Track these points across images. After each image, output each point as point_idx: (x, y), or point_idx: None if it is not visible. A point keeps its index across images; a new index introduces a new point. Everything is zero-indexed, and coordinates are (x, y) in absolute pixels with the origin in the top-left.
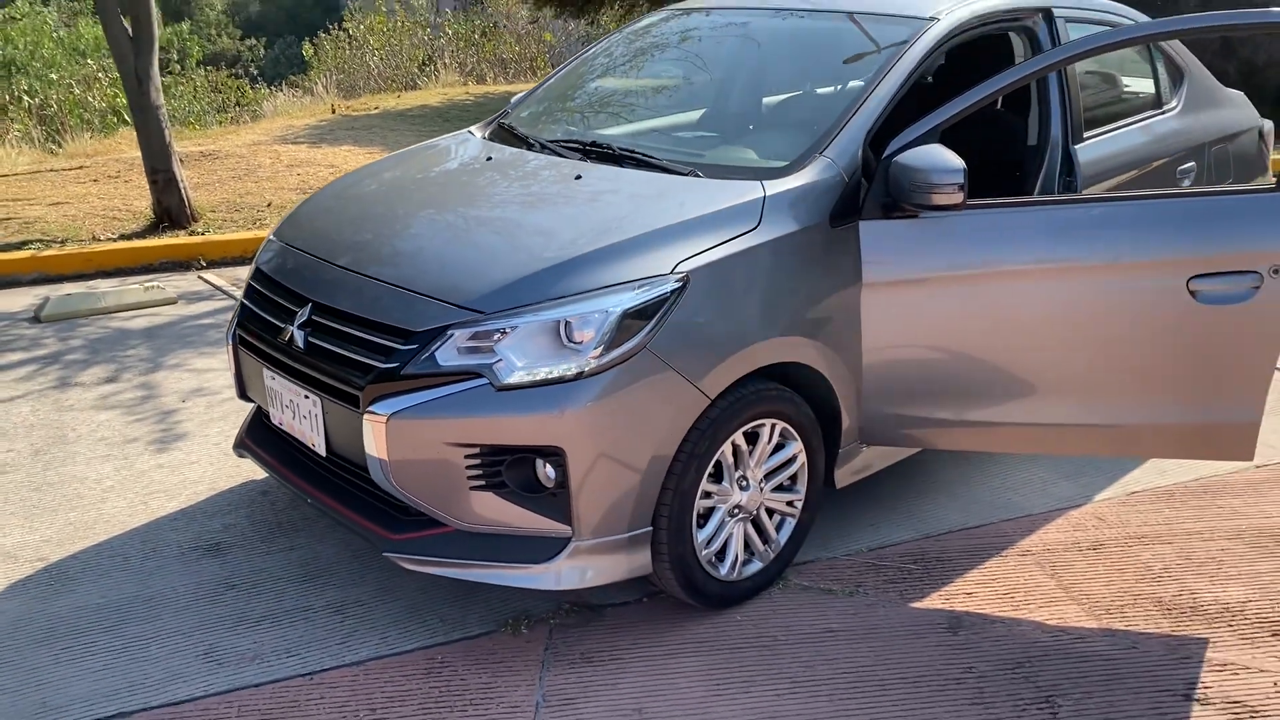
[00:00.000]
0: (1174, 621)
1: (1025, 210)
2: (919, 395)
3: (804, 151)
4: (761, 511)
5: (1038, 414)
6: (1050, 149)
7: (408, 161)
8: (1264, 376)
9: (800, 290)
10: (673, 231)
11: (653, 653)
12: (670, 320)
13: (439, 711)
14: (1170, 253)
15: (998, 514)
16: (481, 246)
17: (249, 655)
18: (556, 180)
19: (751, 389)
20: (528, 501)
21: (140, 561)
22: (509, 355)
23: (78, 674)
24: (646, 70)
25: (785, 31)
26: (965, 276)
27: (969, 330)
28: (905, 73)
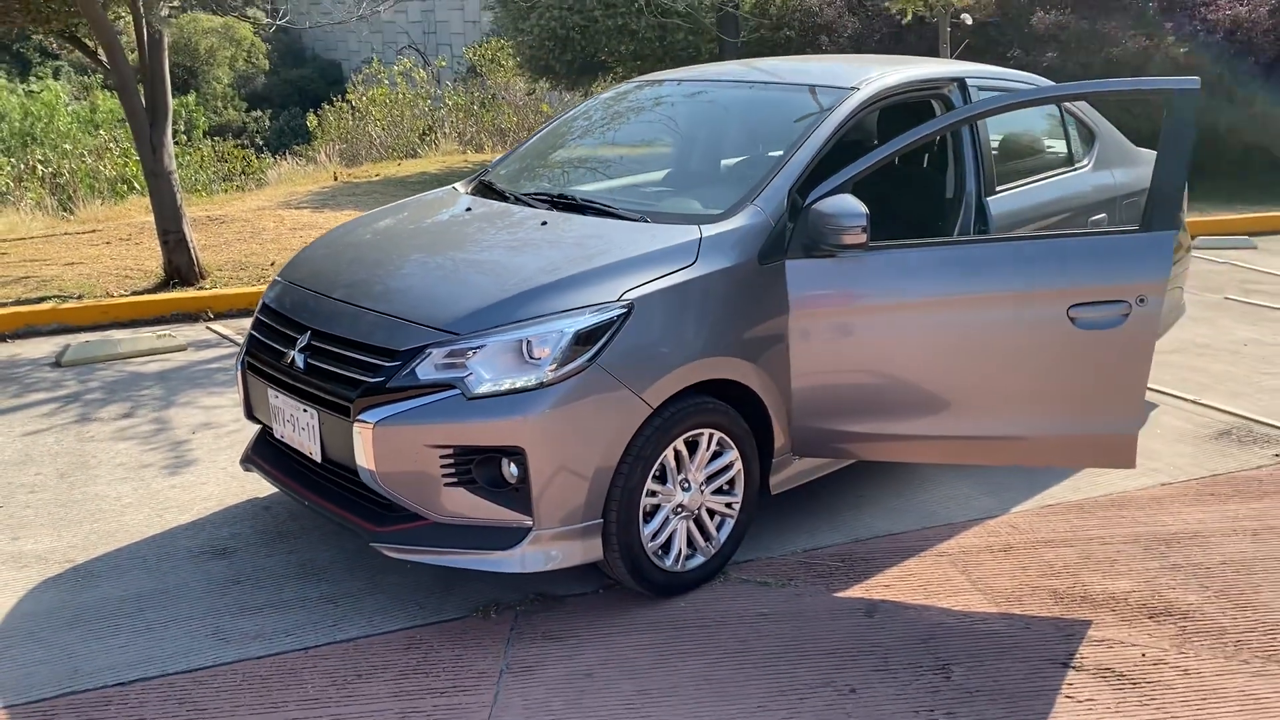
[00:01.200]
0: (1065, 608)
1: (925, 250)
2: (842, 412)
3: (737, 201)
4: (703, 511)
5: (946, 428)
6: (965, 201)
7: (398, 212)
8: (1138, 392)
9: (732, 317)
10: (621, 266)
11: (606, 631)
12: (617, 340)
13: (415, 677)
14: (1052, 285)
15: (922, 522)
16: (458, 280)
17: (252, 635)
18: (525, 226)
19: (691, 402)
20: (494, 496)
21: (156, 562)
22: (478, 369)
23: (104, 649)
24: (614, 132)
25: (734, 99)
26: (877, 308)
27: (883, 355)
28: (827, 134)
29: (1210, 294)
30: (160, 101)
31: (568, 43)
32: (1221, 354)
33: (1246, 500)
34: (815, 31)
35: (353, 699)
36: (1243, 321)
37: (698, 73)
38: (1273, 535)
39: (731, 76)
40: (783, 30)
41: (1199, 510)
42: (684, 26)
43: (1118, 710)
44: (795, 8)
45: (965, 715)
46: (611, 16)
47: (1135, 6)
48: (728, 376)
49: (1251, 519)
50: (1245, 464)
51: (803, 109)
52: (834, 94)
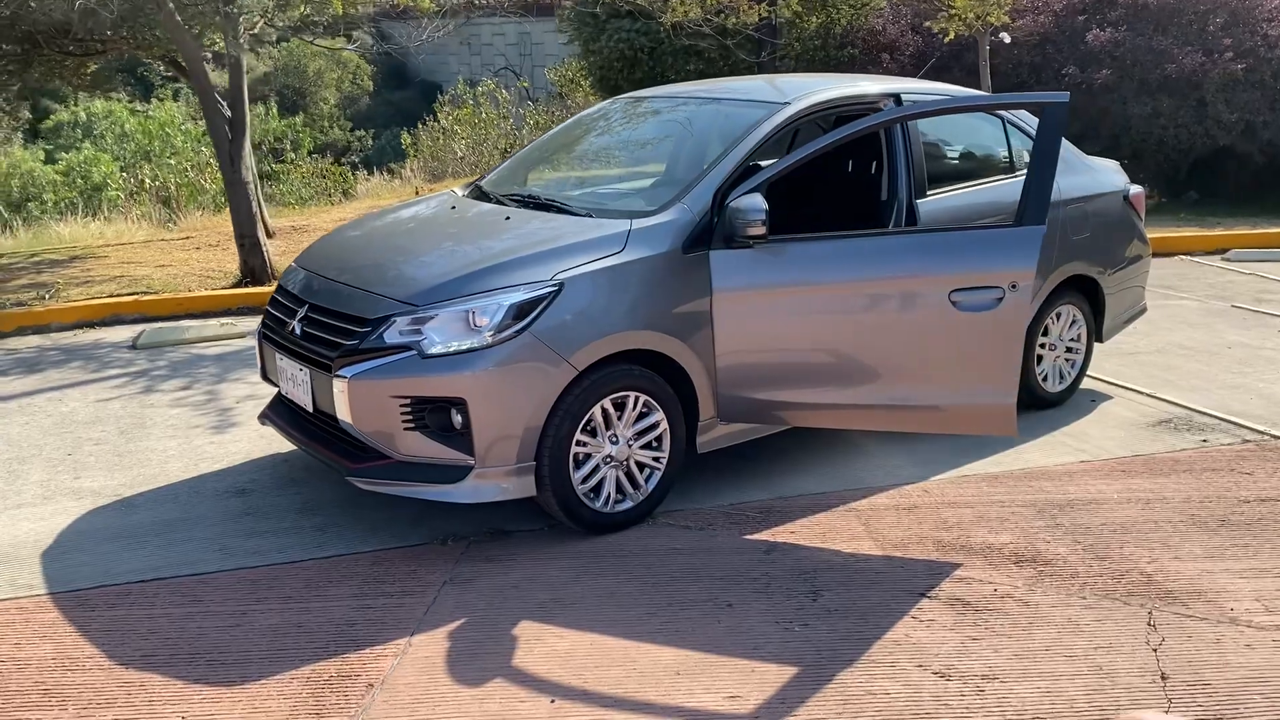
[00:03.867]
0: (942, 553)
1: (829, 241)
2: (759, 383)
3: (668, 200)
4: (631, 463)
5: (849, 397)
6: (897, 203)
7: (400, 210)
8: (1012, 367)
9: (656, 298)
10: (558, 252)
11: (539, 557)
12: (548, 313)
13: (373, 584)
14: (937, 273)
15: (845, 485)
16: (424, 263)
17: (251, 550)
18: (491, 221)
19: (617, 368)
20: (444, 439)
21: (186, 498)
22: (431, 334)
23: (133, 557)
24: (591, 142)
25: (692, 114)
26: (788, 291)
27: (793, 334)
28: (754, 143)
29: (1218, 301)
30: (239, 117)
31: (636, 62)
32: (1201, 355)
33: (1154, 476)
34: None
35: (321, 597)
36: (1239, 327)
37: (673, 90)
38: (1162, 504)
39: (696, 94)
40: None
41: (1104, 483)
42: (746, 45)
43: (951, 628)
44: (860, 27)
45: (819, 627)
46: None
47: (1194, 23)
48: (652, 348)
49: (1148, 491)
50: (1171, 447)
51: (741, 122)
52: (766, 108)
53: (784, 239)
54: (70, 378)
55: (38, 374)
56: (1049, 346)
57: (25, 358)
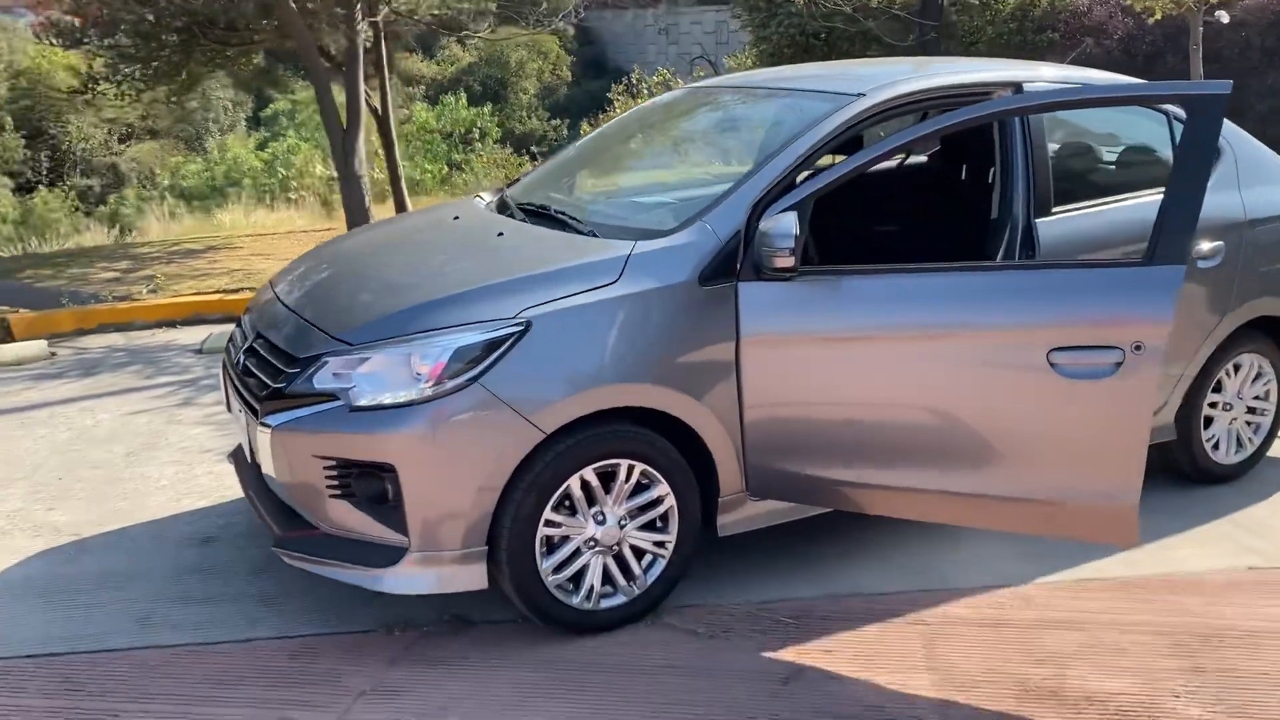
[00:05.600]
0: (1022, 703)
1: (889, 276)
2: (800, 453)
3: (689, 217)
4: (625, 548)
5: (912, 479)
6: (1010, 223)
7: (404, 220)
8: (1134, 456)
9: (659, 341)
10: (533, 281)
11: (493, 663)
12: (508, 360)
13: (281, 688)
14: (1030, 323)
15: (917, 583)
16: (378, 289)
17: (172, 624)
18: (480, 238)
19: (603, 429)
20: (374, 511)
21: (144, 544)
22: (362, 381)
23: (38, 622)
24: (641, 140)
25: (749, 110)
26: (837, 339)
27: (844, 392)
28: (807, 147)
29: None
30: (354, 112)
31: (808, 49)
32: None
33: None
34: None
35: (213, 700)
36: None
37: (748, 78)
38: None
39: (770, 83)
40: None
41: (1274, 605)
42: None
43: None
44: (1063, 9)
45: None
46: (854, 22)
47: None
48: (650, 405)
49: None
50: None
51: (798, 120)
52: (831, 102)
53: (836, 272)
54: (118, 384)
55: (90, 378)
56: (1223, 406)
57: (90, 359)
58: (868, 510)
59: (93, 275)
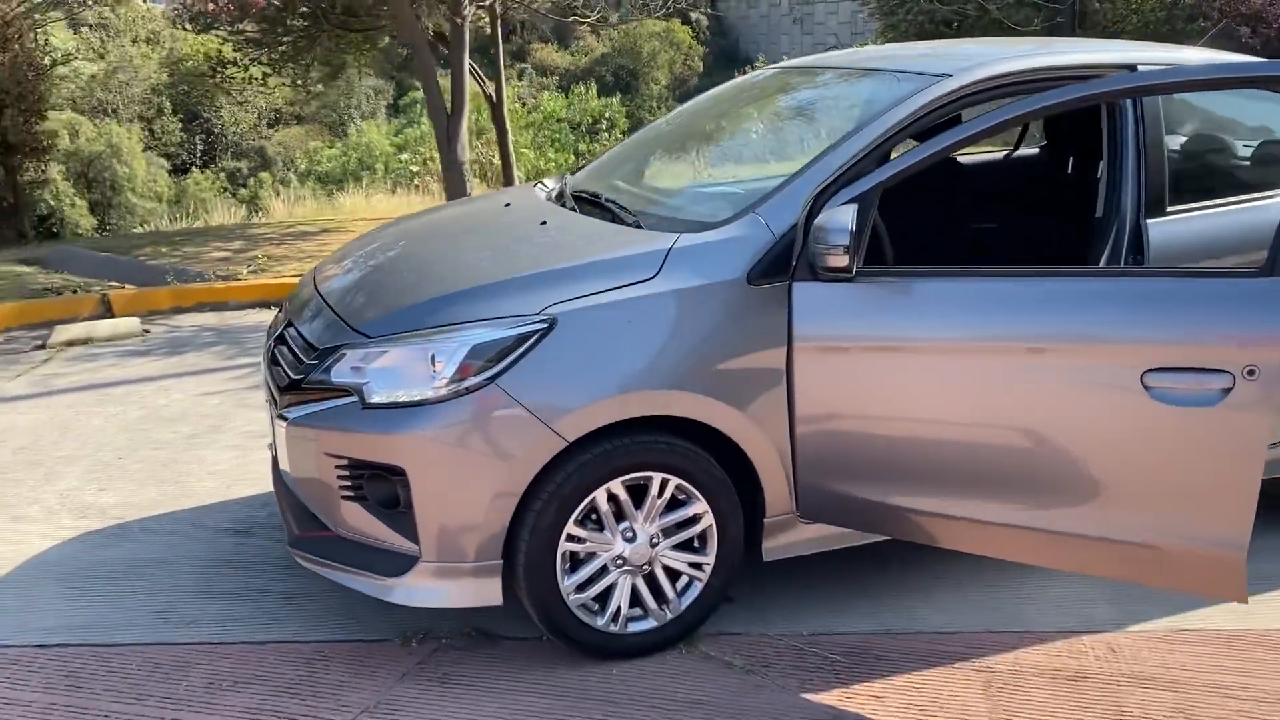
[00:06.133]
0: None
1: (955, 281)
2: (859, 475)
3: (741, 209)
4: (657, 568)
5: (986, 511)
6: (1116, 223)
7: (460, 205)
8: (1243, 498)
9: (698, 345)
10: (562, 275)
11: (507, 686)
12: (528, 359)
13: (283, 697)
14: (1121, 340)
15: (989, 622)
16: (406, 278)
17: (189, 620)
18: (525, 226)
19: (633, 439)
20: (385, 516)
21: (184, 531)
22: (376, 377)
23: (63, 607)
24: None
25: (837, 89)
26: (903, 348)
27: (908, 408)
28: (879, 132)
29: None
30: (458, 98)
31: (938, 37)
32: None
33: None
34: (1238, 22)
35: (209, 707)
36: None
37: (838, 58)
38: None
39: (849, 63)
40: (1197, 21)
41: None
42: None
43: None
44: None
45: None
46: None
47: None
48: (686, 415)
49: None
50: None
51: (876, 102)
52: (914, 83)
53: (902, 273)
54: (200, 364)
55: (174, 357)
56: None
57: (179, 337)
58: (934, 542)
59: (205, 254)
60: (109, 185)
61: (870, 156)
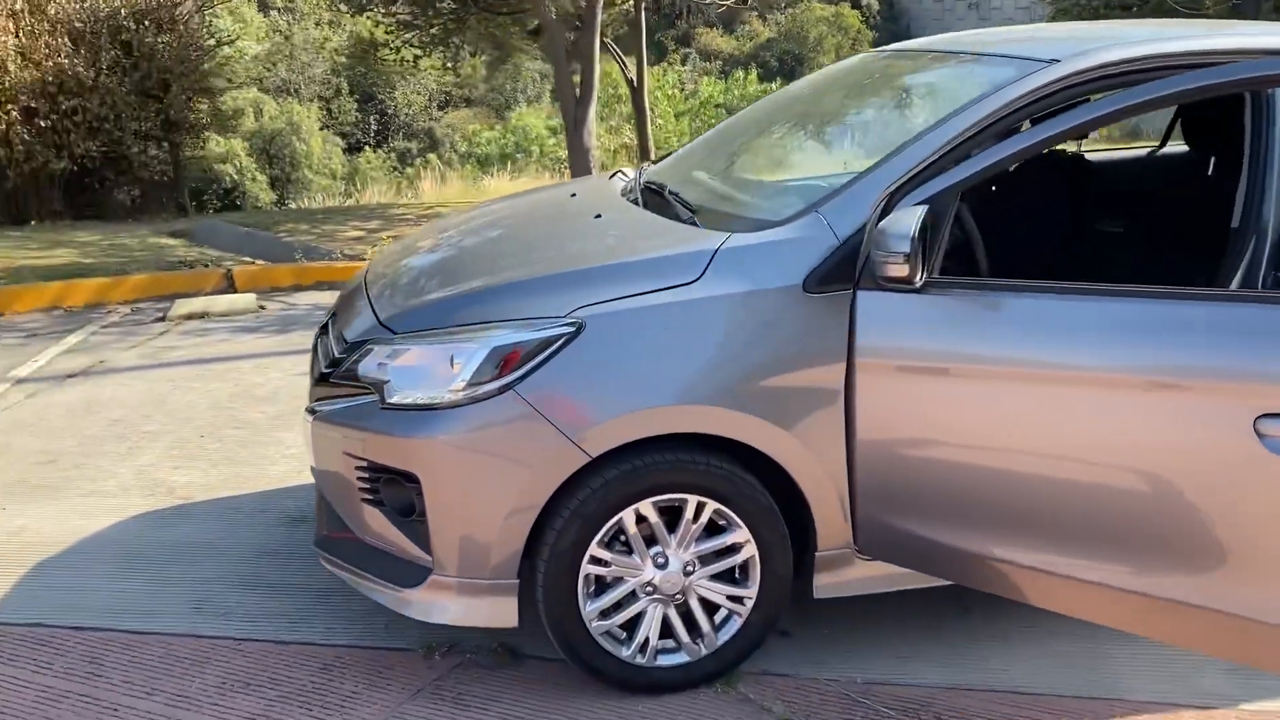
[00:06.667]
0: None
1: (1046, 299)
2: (928, 510)
3: (803, 207)
4: (692, 599)
5: (1074, 566)
6: (1256, 235)
7: (522, 195)
8: None
9: (742, 357)
10: (600, 273)
11: (521, 714)
12: (551, 365)
13: (290, 704)
14: (1230, 375)
15: (1077, 685)
16: (444, 271)
17: (220, 612)
18: (580, 218)
19: (664, 457)
20: (401, 524)
21: (243, 516)
22: (397, 375)
23: (106, 592)
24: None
25: (933, 76)
26: (982, 372)
27: (988, 439)
28: (968, 124)
29: None
30: (587, 84)
31: None
32: None
33: None
34: None
35: (214, 708)
36: None
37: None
38: None
39: (954, 47)
40: None
41: None
42: None
43: None
44: None
45: None
46: None
47: None
48: (723, 434)
49: None
50: None
51: (967, 92)
52: (1017, 69)
53: (983, 286)
54: (303, 343)
55: (282, 335)
56: None
57: (292, 315)
58: (1014, 596)
59: (340, 233)
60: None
61: (954, 153)
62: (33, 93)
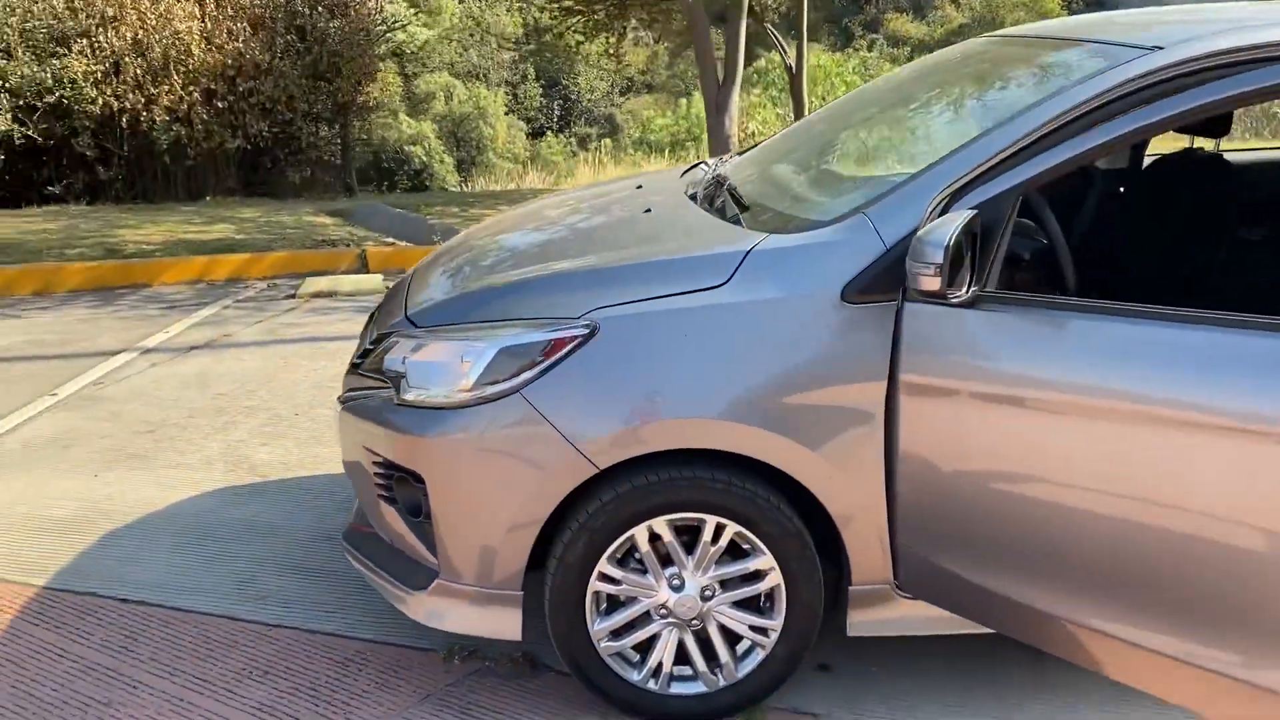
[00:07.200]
0: None
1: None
2: (977, 552)
3: (853, 207)
4: (711, 625)
5: (1135, 633)
6: None
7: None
8: None
9: (768, 370)
10: (619, 273)
11: None
12: (562, 369)
13: (298, 698)
14: None
15: None
16: (478, 266)
17: (263, 594)
18: (631, 212)
19: (679, 473)
20: (411, 524)
21: (310, 499)
22: (412, 371)
23: (163, 562)
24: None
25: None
26: (1046, 402)
27: (1049, 479)
28: (1044, 119)
29: None
30: (730, 67)
31: None
32: None
33: None
34: None
35: (227, 695)
36: None
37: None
38: None
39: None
40: None
41: None
42: None
43: None
44: None
45: None
46: None
47: None
48: (742, 451)
49: None
50: None
51: (1051, 83)
52: (1110, 59)
53: (1048, 304)
54: None
55: None
56: None
57: None
58: (1080, 662)
59: (485, 216)
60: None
61: (1027, 151)
62: (213, 75)
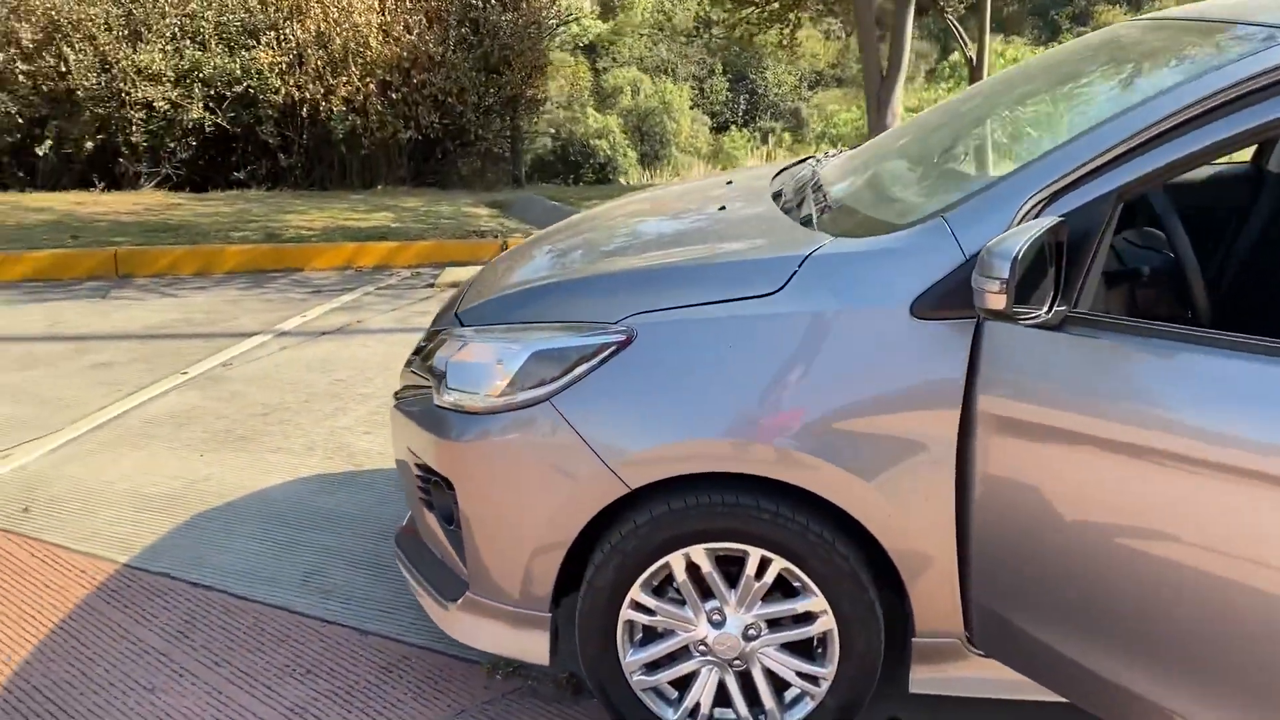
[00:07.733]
0: None
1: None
2: (1064, 614)
3: (932, 210)
4: (755, 668)
5: None
6: None
7: (688, 181)
8: None
9: (820, 389)
10: (664, 275)
11: None
12: (596, 378)
13: (335, 703)
14: None
15: None
16: (536, 263)
17: (328, 588)
18: (704, 210)
19: (720, 498)
20: (446, 531)
21: (395, 492)
22: (451, 372)
23: (238, 550)
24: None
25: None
26: (1136, 447)
27: (1154, 535)
28: (1155, 117)
29: None
30: (895, 60)
31: None
32: None
33: None
34: None
35: (265, 691)
36: None
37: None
38: None
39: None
40: None
41: None
42: None
43: None
44: None
45: None
46: None
47: None
48: (786, 479)
49: None
50: None
51: (1174, 73)
52: (1245, 46)
53: (1145, 331)
54: None
55: None
56: None
57: None
58: None
59: None
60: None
61: (1137, 151)
62: (389, 67)
